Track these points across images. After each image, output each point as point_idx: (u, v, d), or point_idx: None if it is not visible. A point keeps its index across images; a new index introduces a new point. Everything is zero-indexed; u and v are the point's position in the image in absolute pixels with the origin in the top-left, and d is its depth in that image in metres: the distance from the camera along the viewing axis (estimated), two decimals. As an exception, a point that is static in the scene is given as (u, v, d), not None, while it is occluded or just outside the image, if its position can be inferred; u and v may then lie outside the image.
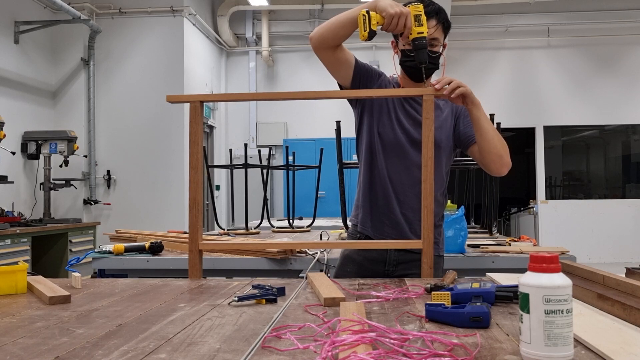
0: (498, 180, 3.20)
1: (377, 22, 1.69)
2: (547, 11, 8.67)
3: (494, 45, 8.85)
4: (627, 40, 8.69)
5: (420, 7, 1.73)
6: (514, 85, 8.84)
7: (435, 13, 1.83)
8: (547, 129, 8.96)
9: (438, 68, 1.91)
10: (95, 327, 1.09)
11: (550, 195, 9.09)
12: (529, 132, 9.12)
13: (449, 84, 1.72)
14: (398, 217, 1.90)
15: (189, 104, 1.75)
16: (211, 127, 8.42)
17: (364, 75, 1.92)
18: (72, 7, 6.16)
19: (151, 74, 6.94)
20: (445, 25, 1.88)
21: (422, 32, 1.72)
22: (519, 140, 10.38)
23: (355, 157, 2.14)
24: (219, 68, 8.76)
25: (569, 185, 9.83)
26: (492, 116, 3.22)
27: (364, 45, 8.82)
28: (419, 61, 1.76)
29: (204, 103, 1.80)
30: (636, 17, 8.58)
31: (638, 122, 8.87)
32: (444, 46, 1.92)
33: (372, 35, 1.68)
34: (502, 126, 3.37)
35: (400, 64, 1.93)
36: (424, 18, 1.72)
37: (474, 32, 8.79)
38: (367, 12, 1.68)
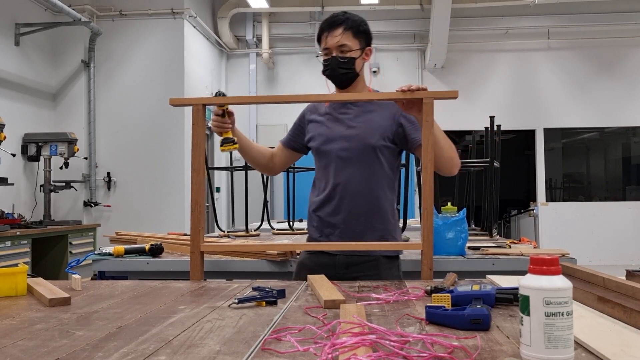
0: (498, 183, 3.20)
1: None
2: (547, 13, 8.67)
3: (494, 48, 8.86)
4: (627, 42, 8.69)
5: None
6: (514, 87, 8.84)
7: (340, 23, 1.93)
8: (547, 131, 8.95)
9: (353, 72, 1.96)
10: (95, 329, 1.09)
11: (550, 198, 9.09)
12: (529, 134, 9.13)
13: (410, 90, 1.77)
14: (339, 219, 1.97)
15: (189, 106, 1.76)
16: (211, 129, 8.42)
17: (299, 139, 2.12)
18: (73, 9, 6.16)
19: (151, 76, 6.95)
20: (356, 31, 1.95)
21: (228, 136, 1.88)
22: (519, 142, 10.40)
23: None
24: (219, 70, 8.76)
25: (569, 188, 9.84)
26: (492, 118, 3.22)
27: (364, 47, 8.84)
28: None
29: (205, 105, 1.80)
30: (636, 19, 8.59)
31: (638, 124, 8.86)
32: (368, 52, 2.00)
33: (225, 141, 1.86)
34: (502, 128, 3.38)
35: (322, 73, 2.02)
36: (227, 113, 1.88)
37: (474, 34, 8.80)
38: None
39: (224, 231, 3.75)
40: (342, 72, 1.94)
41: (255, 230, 3.84)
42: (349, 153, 1.95)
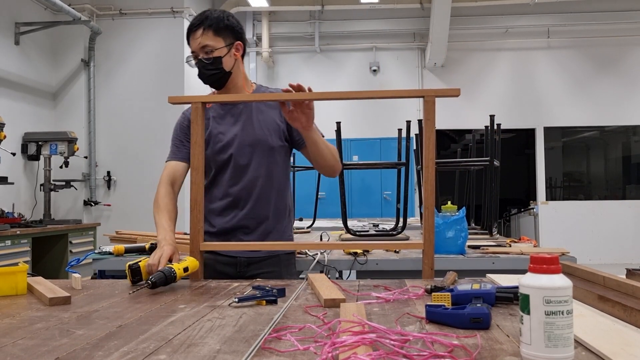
0: (498, 182, 3.20)
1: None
2: (547, 12, 8.68)
3: (494, 47, 8.86)
4: (627, 41, 8.69)
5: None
6: (514, 86, 8.84)
7: (199, 24, 1.88)
8: (547, 130, 8.96)
9: (222, 72, 1.91)
10: (96, 328, 1.09)
11: (550, 196, 9.09)
12: (529, 133, 9.13)
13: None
14: (242, 224, 1.94)
15: (188, 104, 1.76)
16: (211, 128, 8.43)
17: (183, 146, 1.99)
18: (73, 8, 6.17)
19: (151, 75, 6.95)
20: (217, 29, 1.88)
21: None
22: (519, 141, 10.40)
23: (355, 157, 2.20)
24: (219, 69, 8.76)
25: (569, 187, 9.84)
26: (492, 117, 3.22)
27: (365, 47, 8.83)
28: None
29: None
30: (636, 18, 8.59)
31: (638, 123, 8.87)
32: (238, 47, 1.94)
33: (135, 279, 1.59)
34: (502, 127, 3.37)
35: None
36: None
37: (474, 33, 8.80)
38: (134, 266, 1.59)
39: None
40: (209, 73, 1.90)
41: (255, 229, 3.83)
42: (247, 157, 1.92)
